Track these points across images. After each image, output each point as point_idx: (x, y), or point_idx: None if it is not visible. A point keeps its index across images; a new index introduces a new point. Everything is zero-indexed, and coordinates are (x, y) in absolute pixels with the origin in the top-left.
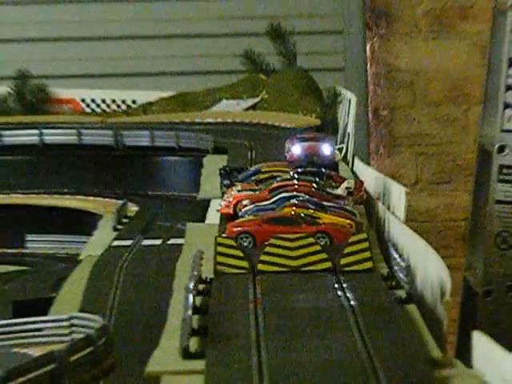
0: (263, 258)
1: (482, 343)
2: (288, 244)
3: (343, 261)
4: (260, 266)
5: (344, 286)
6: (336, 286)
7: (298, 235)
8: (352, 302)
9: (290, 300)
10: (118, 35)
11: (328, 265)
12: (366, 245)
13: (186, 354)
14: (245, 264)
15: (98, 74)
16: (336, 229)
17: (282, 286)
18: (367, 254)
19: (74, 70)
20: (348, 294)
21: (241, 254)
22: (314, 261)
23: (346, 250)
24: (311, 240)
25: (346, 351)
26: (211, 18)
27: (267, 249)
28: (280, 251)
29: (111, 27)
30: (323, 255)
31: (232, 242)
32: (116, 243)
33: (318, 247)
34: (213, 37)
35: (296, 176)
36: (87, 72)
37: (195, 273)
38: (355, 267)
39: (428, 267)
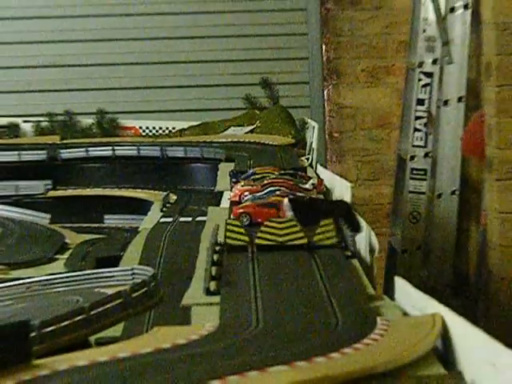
0: (259, 235)
1: (400, 284)
2: (277, 225)
3: (315, 238)
4: (257, 241)
5: (311, 250)
6: (306, 252)
7: (284, 219)
8: (316, 259)
9: (277, 260)
10: (165, 85)
11: (305, 241)
12: (331, 227)
13: (208, 292)
14: (246, 238)
15: (151, 110)
16: None
17: (272, 252)
18: (332, 234)
19: (135, 108)
20: (314, 255)
21: (243, 231)
22: (294, 238)
23: (318, 231)
24: (293, 223)
25: (311, 291)
26: (222, 74)
27: (262, 228)
28: (271, 230)
29: (160, 81)
30: (301, 234)
31: (237, 223)
32: (162, 220)
33: (297, 228)
34: (224, 86)
35: (280, 176)
36: (144, 109)
37: (213, 239)
38: (323, 243)
39: (364, 235)
